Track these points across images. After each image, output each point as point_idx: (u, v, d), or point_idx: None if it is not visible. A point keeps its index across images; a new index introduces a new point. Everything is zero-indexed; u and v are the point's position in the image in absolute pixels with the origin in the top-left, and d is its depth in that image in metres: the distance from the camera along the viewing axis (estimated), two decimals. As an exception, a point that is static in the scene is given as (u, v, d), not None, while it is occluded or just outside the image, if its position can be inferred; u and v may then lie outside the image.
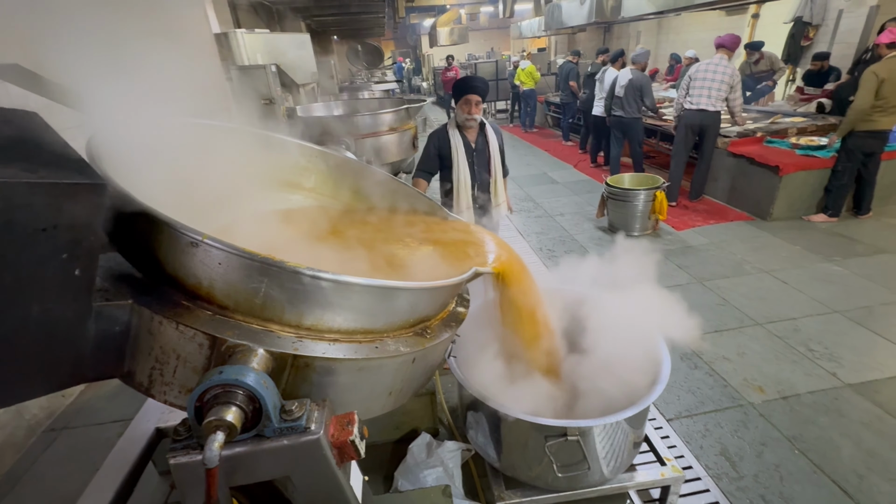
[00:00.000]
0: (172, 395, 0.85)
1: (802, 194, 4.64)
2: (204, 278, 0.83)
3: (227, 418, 0.72)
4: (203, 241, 0.77)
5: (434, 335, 1.18)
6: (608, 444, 1.55)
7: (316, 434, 0.80)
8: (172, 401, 0.85)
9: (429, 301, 1.23)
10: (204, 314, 0.84)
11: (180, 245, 0.80)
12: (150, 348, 0.83)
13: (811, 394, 2.38)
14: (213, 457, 0.69)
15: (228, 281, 0.84)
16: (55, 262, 0.67)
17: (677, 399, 2.41)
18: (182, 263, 0.83)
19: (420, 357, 1.15)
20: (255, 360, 0.82)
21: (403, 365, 1.12)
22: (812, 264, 3.75)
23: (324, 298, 0.91)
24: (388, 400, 1.14)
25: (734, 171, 5.09)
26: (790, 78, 7.97)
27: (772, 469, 1.97)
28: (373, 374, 1.01)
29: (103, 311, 0.79)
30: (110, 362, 0.82)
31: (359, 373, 0.97)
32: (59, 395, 2.56)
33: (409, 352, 1.07)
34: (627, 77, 5.54)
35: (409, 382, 1.18)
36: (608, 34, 14.19)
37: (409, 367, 1.14)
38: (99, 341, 0.79)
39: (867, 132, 4.12)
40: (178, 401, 0.85)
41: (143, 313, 0.82)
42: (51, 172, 0.65)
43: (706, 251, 4.14)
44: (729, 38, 4.76)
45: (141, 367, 0.84)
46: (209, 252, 0.80)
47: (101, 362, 0.80)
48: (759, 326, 2.99)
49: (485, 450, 1.74)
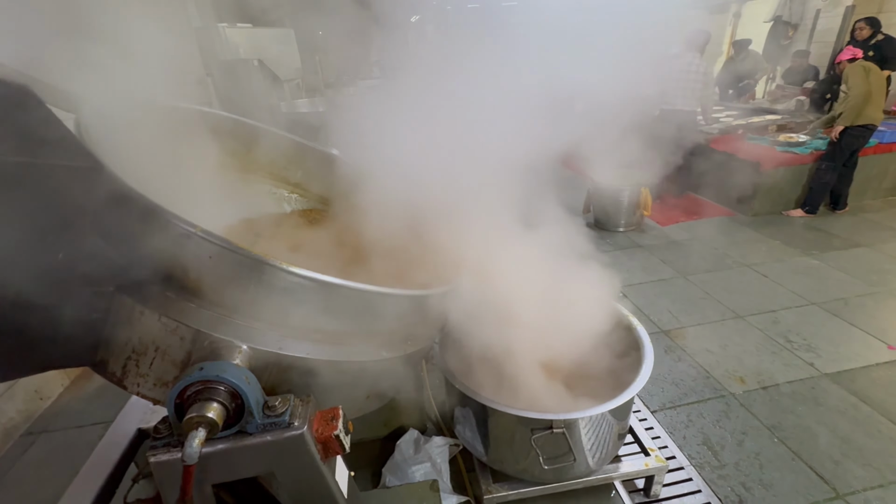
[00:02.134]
0: (146, 388, 0.83)
1: (782, 190, 4.75)
2: (192, 270, 0.82)
3: (209, 415, 0.71)
4: (196, 233, 0.76)
5: (413, 343, 1.20)
6: (593, 435, 1.58)
7: (300, 429, 0.80)
8: (146, 393, 0.83)
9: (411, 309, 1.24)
10: (188, 306, 0.82)
11: (171, 235, 0.79)
12: (128, 338, 0.81)
13: (790, 384, 2.45)
14: (192, 454, 0.68)
15: (218, 275, 0.83)
16: (40, 244, 0.65)
17: (661, 391, 2.45)
18: (170, 253, 0.81)
19: (400, 362, 1.16)
20: (238, 356, 0.81)
21: (384, 369, 1.12)
22: (791, 258, 3.85)
23: (311, 299, 0.91)
24: (366, 403, 1.14)
25: (716, 167, 5.17)
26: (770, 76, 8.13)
27: (752, 457, 2.02)
28: (353, 376, 1.02)
29: (82, 297, 0.76)
30: (83, 350, 0.80)
31: (339, 375, 0.97)
32: (37, 397, 2.50)
33: (390, 357, 1.07)
34: None
35: (391, 386, 1.19)
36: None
37: (390, 371, 1.15)
38: (74, 327, 0.77)
39: (860, 127, 4.21)
40: (151, 393, 0.83)
41: (124, 302, 0.80)
42: (47, 153, 0.64)
43: (689, 246, 4.21)
44: (698, 34, 4.80)
45: (115, 357, 0.82)
46: (201, 245, 0.78)
47: (74, 349, 0.78)
48: (740, 319, 3.05)
49: (472, 444, 1.76)
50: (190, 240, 0.78)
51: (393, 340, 1.14)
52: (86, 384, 2.71)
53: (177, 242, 0.78)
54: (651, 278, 3.67)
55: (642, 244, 4.32)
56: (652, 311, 3.21)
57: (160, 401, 0.82)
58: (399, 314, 1.14)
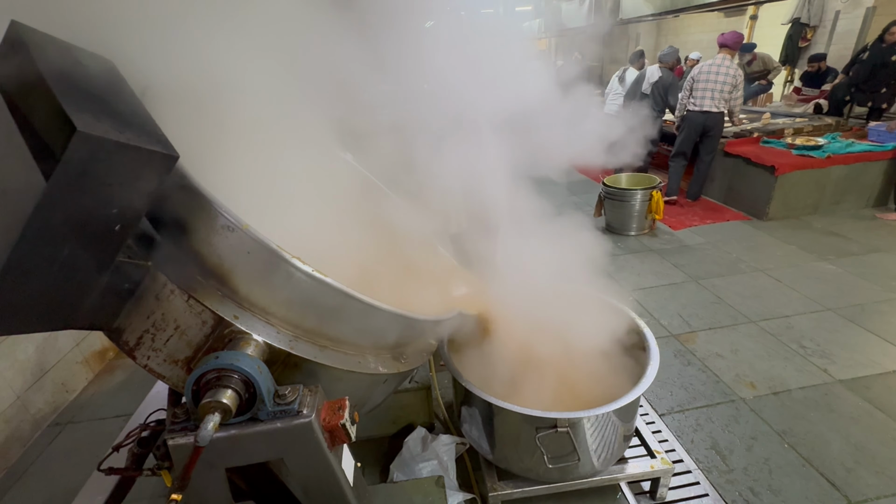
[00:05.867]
0: (156, 362, 0.87)
1: (798, 194, 4.67)
2: (227, 261, 0.87)
3: (223, 401, 0.76)
4: (243, 229, 0.81)
5: (408, 361, 1.25)
6: (598, 435, 1.59)
7: (308, 417, 0.84)
8: (154, 367, 0.87)
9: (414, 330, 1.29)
10: (215, 294, 0.87)
11: (216, 226, 0.83)
12: (151, 312, 0.85)
13: (802, 389, 2.41)
14: (206, 436, 0.72)
15: (250, 270, 0.87)
16: (104, 215, 0.70)
17: (670, 395, 2.43)
18: (210, 242, 0.86)
19: (391, 379, 1.21)
20: (251, 348, 0.86)
21: (375, 383, 1.17)
22: (806, 263, 3.78)
23: (330, 308, 0.96)
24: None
25: (731, 171, 5.11)
26: (788, 78, 7.99)
27: (761, 462, 2.00)
28: (347, 385, 1.06)
29: (121, 267, 0.81)
30: (105, 316, 0.83)
31: (336, 382, 1.02)
32: (64, 390, 2.60)
33: (384, 373, 1.12)
34: (657, 75, 5.51)
35: (370, 399, 1.24)
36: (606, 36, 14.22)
37: (379, 385, 1.20)
38: (105, 293, 0.80)
39: None
40: (159, 368, 0.87)
41: (158, 277, 0.84)
42: (135, 135, 0.68)
43: (702, 250, 4.17)
44: (731, 36, 4.73)
45: (133, 327, 0.86)
46: (243, 240, 0.83)
47: (98, 313, 0.82)
48: (752, 324, 3.01)
49: (478, 443, 1.78)
50: (233, 233, 0.82)
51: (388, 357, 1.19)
52: (108, 378, 2.81)
53: (219, 233, 0.83)
54: (662, 282, 3.64)
55: (654, 248, 4.29)
56: (662, 314, 3.19)
57: (165, 377, 0.86)
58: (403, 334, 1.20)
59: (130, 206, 0.72)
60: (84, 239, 0.70)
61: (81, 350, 2.76)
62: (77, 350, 2.73)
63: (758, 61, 7.12)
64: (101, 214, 0.69)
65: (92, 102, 0.68)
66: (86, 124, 0.61)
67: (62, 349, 2.64)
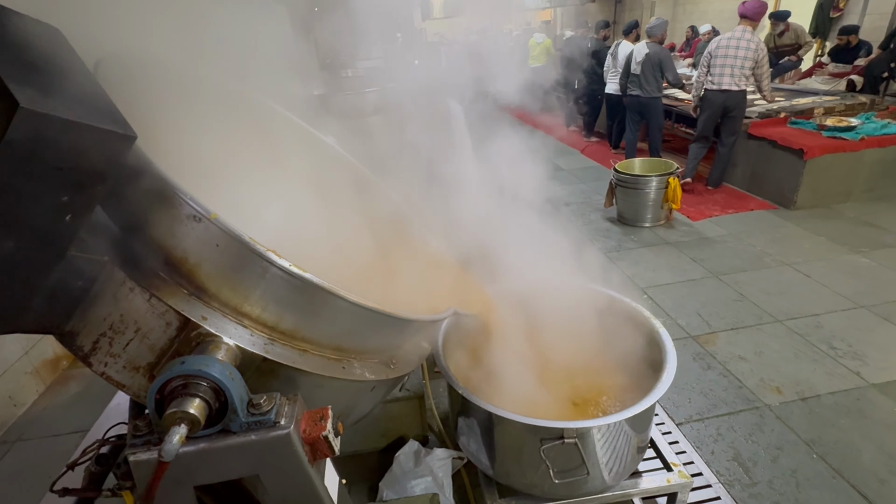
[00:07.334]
0: (114, 369, 0.86)
1: (829, 180, 4.70)
2: (193, 255, 0.86)
3: (190, 410, 0.75)
4: (211, 219, 0.80)
5: (398, 367, 1.25)
6: (609, 447, 1.60)
7: (286, 429, 0.84)
8: (112, 375, 0.86)
9: (406, 332, 1.29)
10: (181, 292, 0.86)
11: (180, 215, 0.82)
12: (109, 313, 0.84)
13: (832, 394, 2.44)
14: (171, 450, 0.72)
15: (220, 265, 0.86)
16: (53, 202, 0.68)
17: (688, 402, 2.46)
18: (174, 234, 0.85)
19: (379, 386, 1.21)
20: (222, 352, 0.85)
21: (361, 391, 1.17)
22: (837, 256, 3.82)
23: (310, 307, 0.95)
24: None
25: (755, 155, 5.14)
26: (818, 53, 8.03)
27: (788, 474, 2.03)
28: (330, 393, 1.06)
29: (73, 262, 0.79)
30: (56, 317, 0.82)
31: (318, 389, 1.02)
32: (11, 403, 2.58)
33: (372, 379, 1.12)
34: (643, 52, 5.53)
35: (356, 409, 1.24)
36: (619, 5, 14.22)
37: (366, 394, 1.20)
38: (55, 292, 0.79)
39: None
40: (117, 376, 0.86)
41: (115, 274, 0.83)
42: (86, 112, 0.67)
43: (723, 243, 4.20)
44: (752, 5, 4.73)
45: (88, 330, 0.84)
46: (211, 231, 0.82)
47: (48, 314, 0.80)
48: (778, 323, 3.05)
49: (477, 457, 1.79)
50: (200, 224, 0.81)
51: (376, 362, 1.19)
52: (62, 390, 2.79)
53: (185, 223, 0.82)
54: (680, 278, 3.66)
55: (671, 241, 4.31)
56: (680, 314, 3.22)
57: (125, 385, 0.85)
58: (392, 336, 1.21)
59: (83, 193, 0.71)
60: (31, 230, 0.69)
61: (31, 359, 2.74)
62: (26, 359, 2.71)
63: (790, 33, 7.11)
64: (49, 202, 0.68)
65: (37, 76, 0.67)
66: (30, 100, 0.60)
67: (8, 358, 2.61)
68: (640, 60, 5.58)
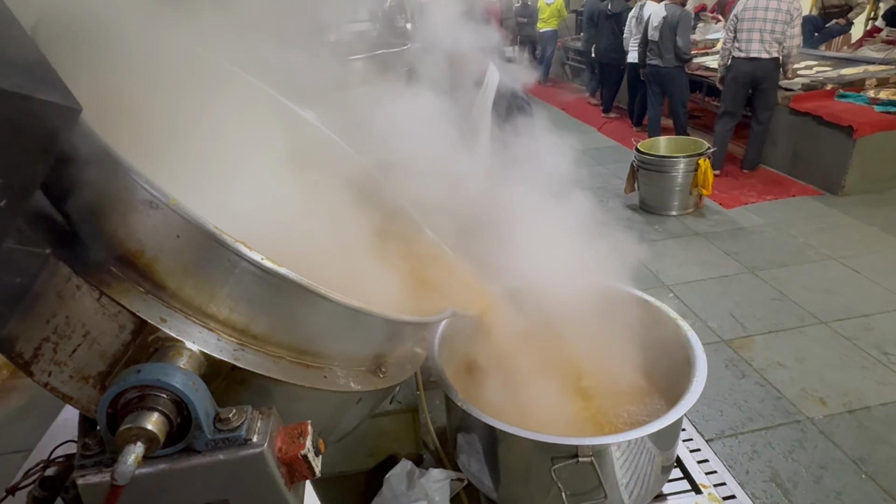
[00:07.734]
0: (59, 379, 0.85)
1: (882, 162, 4.71)
2: (150, 247, 0.85)
3: (148, 427, 0.74)
4: (170, 205, 0.78)
5: (388, 376, 1.24)
6: (629, 467, 1.60)
7: (259, 447, 0.83)
8: (57, 385, 0.85)
9: (397, 336, 1.29)
10: (135, 289, 0.85)
11: (134, 201, 0.81)
12: (53, 314, 0.82)
13: (884, 406, 2.46)
14: (125, 472, 0.71)
15: (181, 259, 0.86)
16: None
17: (720, 415, 2.47)
18: (127, 222, 0.84)
19: (366, 398, 1.21)
20: (184, 359, 0.85)
21: (346, 403, 1.17)
22: (890, 249, 3.83)
23: (287, 307, 0.95)
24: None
25: (798, 133, 5.14)
26: (871, 15, 8.02)
27: (832, 497, 2.05)
28: (310, 406, 1.05)
29: (10, 256, 0.77)
30: None
31: (296, 402, 1.01)
32: (-56, 420, 2.58)
33: (357, 390, 1.12)
34: (661, 15, 5.52)
35: (340, 424, 1.24)
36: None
37: (352, 406, 1.20)
38: None
39: None
40: (63, 387, 0.85)
41: (60, 270, 0.81)
42: (24, 81, 0.65)
43: (761, 233, 4.21)
44: None
45: (28, 335, 0.83)
46: (170, 219, 0.81)
47: None
48: (823, 325, 3.06)
49: (479, 478, 1.80)
50: (158, 211, 0.80)
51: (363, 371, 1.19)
52: (2, 404, 2.79)
53: (139, 210, 0.81)
54: (711, 274, 3.67)
55: (700, 231, 4.32)
56: (710, 315, 3.23)
57: (73, 398, 0.85)
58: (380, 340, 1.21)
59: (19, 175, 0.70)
60: None
61: (-34, 368, 2.73)
62: (-40, 368, 2.70)
63: None
64: None
65: None
66: None
67: (-60, 367, 2.61)
68: (657, 25, 5.54)
